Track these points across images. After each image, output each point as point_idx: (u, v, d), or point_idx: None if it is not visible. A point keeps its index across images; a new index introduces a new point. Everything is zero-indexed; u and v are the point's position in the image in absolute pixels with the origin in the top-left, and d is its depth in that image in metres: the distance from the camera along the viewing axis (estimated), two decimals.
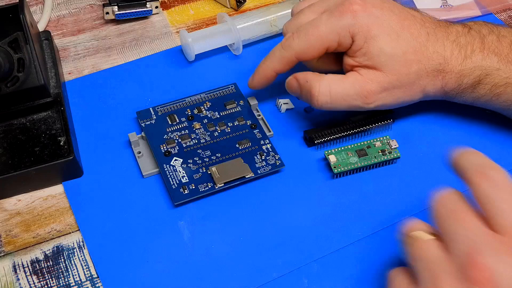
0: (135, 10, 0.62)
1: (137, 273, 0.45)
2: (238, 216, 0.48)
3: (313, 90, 0.48)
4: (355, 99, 0.48)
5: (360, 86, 0.48)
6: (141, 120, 0.53)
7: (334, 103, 0.48)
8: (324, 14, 0.49)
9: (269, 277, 0.44)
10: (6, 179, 0.48)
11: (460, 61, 0.48)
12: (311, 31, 0.48)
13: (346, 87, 0.48)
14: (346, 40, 0.48)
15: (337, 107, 0.49)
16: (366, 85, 0.48)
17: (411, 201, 0.48)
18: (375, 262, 0.45)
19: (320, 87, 0.48)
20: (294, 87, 0.51)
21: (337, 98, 0.48)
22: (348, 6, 0.48)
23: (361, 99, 0.48)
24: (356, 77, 0.48)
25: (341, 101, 0.48)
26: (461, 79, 0.48)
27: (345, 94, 0.48)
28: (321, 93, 0.48)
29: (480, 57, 0.48)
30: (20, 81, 0.50)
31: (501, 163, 0.50)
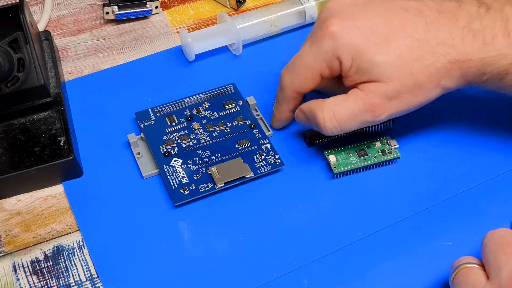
0: (135, 10, 0.62)
1: (137, 273, 0.45)
2: (238, 216, 0.48)
3: (318, 119, 0.46)
4: (363, 116, 0.45)
5: (363, 102, 0.45)
6: (140, 121, 0.53)
7: (343, 125, 0.46)
8: (307, 42, 0.47)
9: (269, 277, 0.44)
10: (6, 179, 0.48)
11: (478, 48, 0.43)
12: (298, 63, 0.47)
13: (349, 107, 0.45)
14: (334, 64, 0.46)
15: (347, 128, 0.46)
16: (369, 99, 0.45)
17: (411, 201, 0.48)
18: (375, 262, 0.45)
19: (323, 113, 0.46)
20: (302, 119, 0.49)
21: (343, 120, 0.46)
22: (325, 29, 0.45)
23: (369, 114, 0.45)
24: (357, 94, 0.45)
25: (348, 121, 0.46)
26: (484, 67, 0.44)
27: (351, 113, 0.45)
28: (326, 120, 0.46)
29: (505, 44, 0.43)
30: (20, 81, 0.50)
31: (501, 163, 0.51)
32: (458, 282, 0.38)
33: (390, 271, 0.44)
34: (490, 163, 0.50)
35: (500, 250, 0.37)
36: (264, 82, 0.57)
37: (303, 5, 0.61)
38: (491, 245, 0.38)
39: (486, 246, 0.38)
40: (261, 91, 0.56)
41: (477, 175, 0.50)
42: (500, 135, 0.52)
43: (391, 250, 0.45)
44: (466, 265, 0.39)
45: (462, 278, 0.38)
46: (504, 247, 0.37)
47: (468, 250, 0.44)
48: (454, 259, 0.40)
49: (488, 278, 0.37)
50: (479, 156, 0.51)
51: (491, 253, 0.38)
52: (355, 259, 0.45)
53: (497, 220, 0.47)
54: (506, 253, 0.37)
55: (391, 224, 0.47)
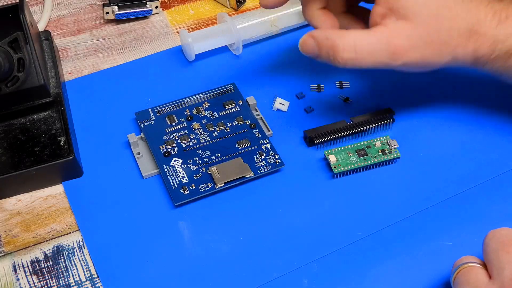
0: (135, 10, 0.62)
1: (137, 273, 0.45)
2: (238, 216, 0.48)
3: (336, 46, 0.45)
4: (382, 55, 0.45)
5: (387, 41, 0.45)
6: (140, 121, 0.53)
7: (360, 59, 0.45)
8: None
9: (269, 277, 0.44)
10: (6, 179, 0.48)
11: (494, 25, 0.45)
12: None
13: (372, 42, 0.45)
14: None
15: (362, 64, 0.45)
16: (394, 40, 0.45)
17: (411, 201, 0.48)
18: (375, 262, 0.45)
19: (344, 42, 0.45)
20: (310, 46, 0.47)
21: (363, 54, 0.45)
22: None
23: (388, 55, 0.45)
24: (383, 31, 0.45)
25: (367, 57, 0.45)
26: (494, 44, 0.46)
27: (372, 49, 0.45)
28: (346, 49, 0.45)
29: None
30: (20, 81, 0.50)
31: (501, 163, 0.51)
32: (460, 282, 0.38)
33: (390, 271, 0.44)
34: (490, 163, 0.50)
35: (502, 249, 0.37)
36: (264, 82, 0.57)
37: None
38: (493, 244, 0.38)
39: (488, 245, 0.38)
40: (261, 91, 0.56)
41: (477, 175, 0.50)
42: (500, 135, 0.52)
43: (391, 250, 0.45)
44: (467, 264, 0.39)
45: (463, 277, 0.38)
46: (506, 246, 0.37)
47: (468, 250, 0.43)
48: (455, 259, 0.41)
49: (490, 277, 0.37)
50: (479, 156, 0.51)
51: (493, 252, 0.38)
52: (355, 259, 0.45)
53: (497, 220, 0.47)
54: (508, 252, 0.37)
55: (391, 224, 0.47)
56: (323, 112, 0.54)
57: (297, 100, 0.56)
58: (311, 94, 0.56)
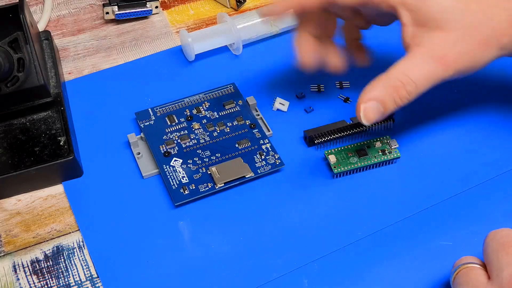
0: (135, 10, 0.62)
1: (137, 273, 0.45)
2: (238, 216, 0.48)
3: (399, 89, 0.44)
4: (436, 72, 0.44)
5: (432, 56, 0.43)
6: (140, 121, 0.53)
7: (420, 87, 0.44)
8: None
9: (269, 277, 0.44)
10: (6, 179, 0.48)
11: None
12: None
13: (421, 65, 0.43)
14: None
15: (424, 90, 0.44)
16: (438, 51, 0.43)
17: (411, 201, 0.48)
18: (375, 262, 0.45)
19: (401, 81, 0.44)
20: (374, 109, 0.45)
21: (420, 81, 0.44)
22: None
23: (441, 69, 0.43)
24: (422, 50, 0.44)
25: (425, 81, 0.44)
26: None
27: (425, 72, 0.43)
28: (406, 85, 0.44)
29: None
30: (20, 81, 0.50)
31: (501, 163, 0.51)
32: (459, 282, 0.38)
33: (390, 271, 0.44)
34: (490, 163, 0.50)
35: (502, 250, 0.37)
36: (264, 82, 0.57)
37: None
38: (493, 245, 0.38)
39: (488, 246, 0.38)
40: (261, 91, 0.56)
41: (477, 175, 0.50)
42: (500, 135, 0.52)
43: (391, 250, 0.45)
44: (467, 265, 0.39)
45: (463, 278, 0.38)
46: (506, 247, 0.37)
47: (468, 250, 0.43)
48: (454, 259, 0.41)
49: (489, 278, 0.37)
50: (479, 156, 0.51)
51: (492, 253, 0.38)
52: (355, 259, 0.45)
53: (497, 220, 0.47)
54: (508, 253, 0.37)
55: (391, 224, 0.47)
56: (323, 112, 0.55)
57: (297, 100, 0.56)
58: (311, 94, 0.56)
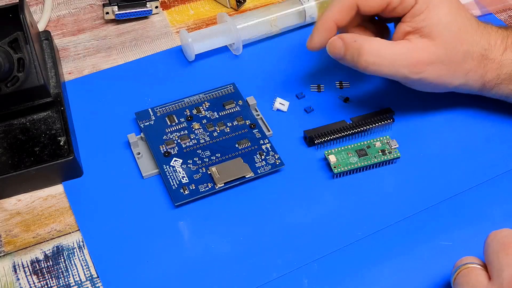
0: (135, 10, 0.62)
1: (137, 273, 0.45)
2: (238, 216, 0.48)
3: (363, 49, 0.47)
4: (403, 66, 0.47)
5: (410, 53, 0.47)
6: (140, 121, 0.53)
7: (382, 65, 0.47)
8: None
9: (269, 277, 0.44)
10: (6, 179, 0.48)
11: (502, 51, 0.48)
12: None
13: (396, 52, 0.47)
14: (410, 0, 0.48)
15: (382, 71, 0.48)
16: (416, 53, 0.47)
17: (411, 201, 0.48)
18: (375, 262, 0.45)
19: (370, 46, 0.47)
20: (338, 47, 0.49)
21: (385, 61, 0.47)
22: None
23: (408, 68, 0.47)
24: (406, 44, 0.48)
25: (388, 65, 0.47)
26: (500, 69, 0.49)
27: (394, 58, 0.47)
28: (370, 53, 0.47)
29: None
30: (20, 81, 0.50)
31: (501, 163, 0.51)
32: (460, 282, 0.38)
33: (391, 271, 0.44)
34: (490, 163, 0.50)
35: (503, 251, 0.37)
36: (264, 82, 0.57)
37: (303, 5, 0.61)
38: (493, 245, 0.38)
39: (489, 247, 0.38)
40: (261, 91, 0.56)
41: (477, 175, 0.50)
42: (500, 135, 0.52)
43: (391, 250, 0.45)
44: (468, 265, 0.39)
45: (464, 278, 0.38)
46: (507, 248, 0.37)
47: (468, 250, 0.43)
48: (454, 259, 0.41)
49: (490, 278, 0.37)
50: (479, 156, 0.51)
51: (493, 254, 0.38)
52: (355, 259, 0.45)
53: (497, 220, 0.47)
54: (508, 254, 0.37)
55: (391, 224, 0.47)
56: (323, 112, 0.55)
57: (297, 100, 0.56)
58: (311, 94, 0.56)
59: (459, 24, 0.48)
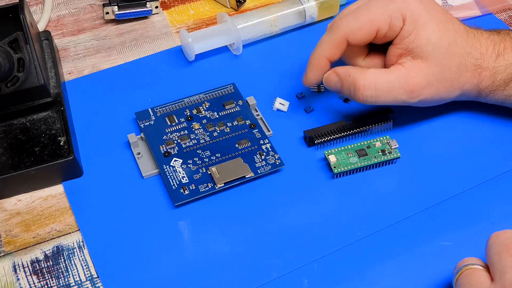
0: (135, 10, 0.62)
1: (137, 273, 0.45)
2: (238, 216, 0.48)
3: (358, 84, 0.47)
4: (400, 93, 0.47)
5: (405, 79, 0.47)
6: (140, 121, 0.53)
7: (379, 97, 0.48)
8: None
9: (269, 277, 0.44)
10: (6, 179, 0.48)
11: (494, 58, 0.48)
12: (361, 12, 0.48)
13: (391, 80, 0.47)
14: (397, 23, 0.47)
15: (381, 101, 0.48)
16: (412, 78, 0.47)
17: (411, 201, 0.48)
18: (375, 262, 0.45)
19: (365, 80, 0.47)
20: (333, 81, 0.49)
21: (382, 92, 0.47)
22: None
23: (406, 93, 0.47)
24: (400, 71, 0.48)
25: (386, 94, 0.48)
26: (495, 76, 0.48)
27: (391, 87, 0.47)
28: (366, 87, 0.47)
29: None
30: (20, 81, 0.50)
31: (501, 163, 0.51)
32: (462, 284, 0.38)
33: (391, 271, 0.44)
34: (490, 163, 0.50)
35: (506, 252, 0.37)
36: (264, 82, 0.57)
37: (303, 5, 0.61)
38: (496, 246, 0.38)
39: (491, 248, 0.38)
40: (261, 91, 0.56)
41: (477, 175, 0.50)
42: (500, 135, 0.52)
43: (391, 250, 0.45)
44: (469, 266, 0.39)
45: (465, 279, 0.38)
46: (510, 249, 0.37)
47: (469, 250, 0.43)
48: (455, 259, 0.40)
49: (492, 280, 0.37)
50: (479, 156, 0.51)
51: (495, 255, 0.37)
52: (355, 259, 0.45)
53: (497, 220, 0.47)
54: (511, 255, 0.37)
55: (391, 224, 0.47)
56: (323, 112, 0.55)
57: (297, 100, 0.56)
58: (311, 94, 0.56)
59: (449, 38, 0.47)
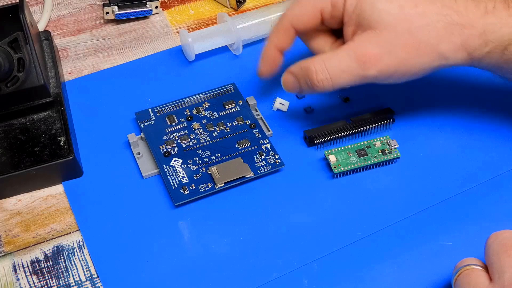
0: (135, 10, 0.62)
1: (137, 273, 0.45)
2: (238, 216, 0.48)
3: (310, 71, 0.46)
4: (354, 68, 0.45)
5: (354, 52, 0.45)
6: (140, 121, 0.53)
7: (335, 78, 0.45)
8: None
9: (269, 277, 0.44)
10: (6, 179, 0.48)
11: (480, 15, 0.43)
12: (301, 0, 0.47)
13: (341, 58, 0.45)
14: (339, 2, 0.46)
15: (339, 83, 0.46)
16: (360, 49, 0.45)
17: (411, 201, 0.48)
18: (375, 262, 0.45)
19: (315, 65, 0.45)
20: (290, 81, 0.48)
21: (335, 72, 0.45)
22: None
23: (360, 66, 0.44)
24: (349, 45, 0.45)
25: (340, 74, 0.45)
26: (486, 35, 0.43)
27: (343, 66, 0.45)
28: (319, 71, 0.45)
29: (506, 14, 0.43)
30: (20, 81, 0.50)
31: (501, 163, 0.51)
32: (461, 284, 0.38)
33: (390, 271, 0.44)
34: (490, 163, 0.50)
35: (504, 252, 0.37)
36: (264, 82, 0.57)
37: None
38: (494, 246, 0.38)
39: (490, 248, 0.38)
40: (261, 91, 0.56)
41: (477, 175, 0.50)
42: (500, 135, 0.52)
43: (391, 250, 0.45)
44: (468, 266, 0.39)
45: (464, 279, 0.38)
46: (508, 249, 0.37)
47: (468, 250, 0.43)
48: (455, 259, 0.40)
49: (491, 280, 0.37)
50: (479, 156, 0.51)
51: (494, 255, 0.37)
52: (355, 259, 0.45)
53: (497, 220, 0.47)
54: (510, 255, 0.37)
55: (391, 224, 0.47)
56: (323, 112, 0.55)
57: (297, 100, 0.56)
58: (311, 94, 0.56)
59: (400, 2, 0.44)
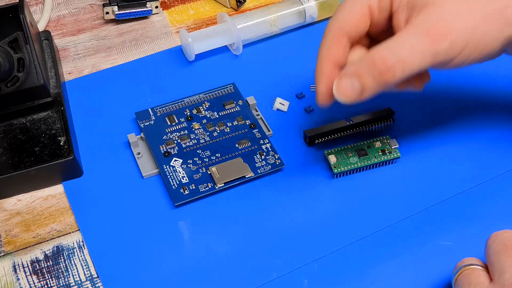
0: (135, 10, 0.62)
1: (137, 273, 0.45)
2: (238, 216, 0.48)
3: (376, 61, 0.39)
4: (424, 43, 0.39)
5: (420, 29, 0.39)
6: (140, 121, 0.53)
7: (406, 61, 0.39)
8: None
9: (269, 277, 0.44)
10: (6, 179, 0.48)
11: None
12: (346, 1, 0.43)
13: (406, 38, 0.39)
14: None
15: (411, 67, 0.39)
16: (426, 24, 0.39)
17: (411, 201, 0.48)
18: (375, 262, 0.45)
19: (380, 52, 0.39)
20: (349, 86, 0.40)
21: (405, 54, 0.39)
22: None
23: (430, 41, 0.39)
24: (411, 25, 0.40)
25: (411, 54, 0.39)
26: None
27: (411, 43, 0.39)
28: (387, 57, 0.39)
29: None
30: (20, 81, 0.50)
31: (501, 163, 0.51)
32: (461, 283, 0.38)
33: (390, 271, 0.44)
34: (490, 163, 0.50)
35: (504, 252, 0.37)
36: (264, 82, 0.57)
37: (303, 5, 0.61)
38: (495, 246, 0.38)
39: (490, 248, 0.38)
40: (261, 91, 0.56)
41: (477, 175, 0.50)
42: (500, 135, 0.52)
43: (391, 250, 0.45)
44: (469, 266, 0.39)
45: (465, 279, 0.38)
46: (509, 249, 0.37)
47: (468, 250, 0.44)
48: (454, 259, 0.41)
49: (491, 280, 0.37)
50: (479, 156, 0.51)
51: (494, 255, 0.38)
52: (355, 259, 0.45)
53: (497, 220, 0.47)
54: (510, 255, 0.37)
55: (391, 224, 0.47)
56: (323, 112, 0.54)
57: (297, 100, 0.56)
58: (311, 94, 0.56)
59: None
